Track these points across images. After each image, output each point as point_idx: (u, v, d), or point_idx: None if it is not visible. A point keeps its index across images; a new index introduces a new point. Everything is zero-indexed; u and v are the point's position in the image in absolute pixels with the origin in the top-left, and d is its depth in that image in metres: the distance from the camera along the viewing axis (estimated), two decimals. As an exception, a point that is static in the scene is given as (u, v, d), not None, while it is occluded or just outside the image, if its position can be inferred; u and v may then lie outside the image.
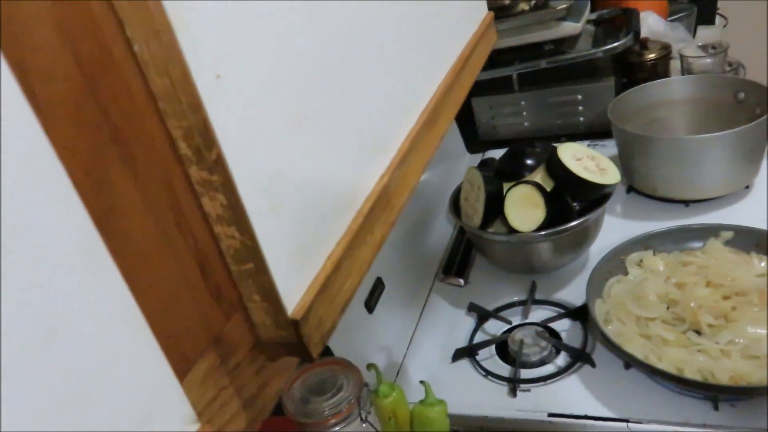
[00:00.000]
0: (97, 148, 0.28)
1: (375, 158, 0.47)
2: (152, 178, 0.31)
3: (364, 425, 0.77)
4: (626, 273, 0.98)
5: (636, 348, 0.83)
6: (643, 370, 0.82)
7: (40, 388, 0.23)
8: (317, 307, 0.37)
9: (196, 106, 0.31)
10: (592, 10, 1.42)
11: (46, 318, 0.23)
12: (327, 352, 0.85)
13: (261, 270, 0.34)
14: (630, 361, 0.83)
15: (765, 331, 0.80)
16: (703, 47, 1.31)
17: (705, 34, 1.52)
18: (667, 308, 0.89)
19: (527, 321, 1.00)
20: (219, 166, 0.32)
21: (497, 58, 1.34)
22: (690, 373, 0.78)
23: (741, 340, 0.80)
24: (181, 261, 0.32)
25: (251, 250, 0.33)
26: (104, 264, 0.25)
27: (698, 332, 0.84)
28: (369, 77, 0.47)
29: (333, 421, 0.75)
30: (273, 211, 0.35)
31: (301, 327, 0.35)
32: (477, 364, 0.94)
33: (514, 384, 0.88)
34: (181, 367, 0.31)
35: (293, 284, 0.36)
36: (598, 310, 0.91)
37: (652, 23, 1.43)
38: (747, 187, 1.11)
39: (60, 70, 0.27)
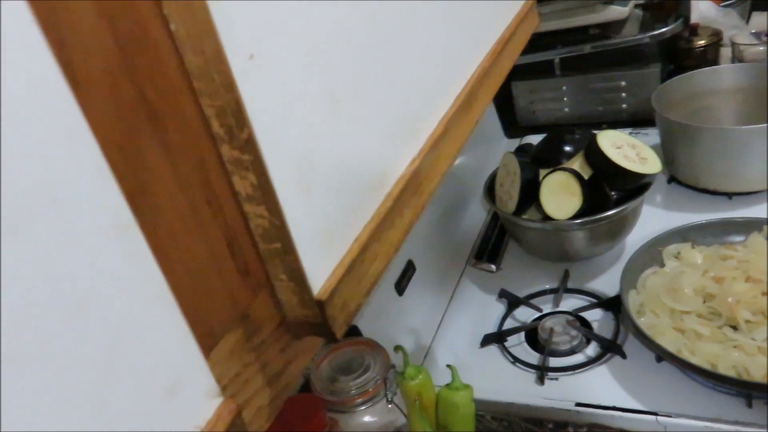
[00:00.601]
0: (132, 126, 0.29)
1: (407, 141, 0.47)
2: (185, 156, 0.32)
3: (389, 406, 0.77)
4: (663, 265, 0.96)
5: (669, 341, 0.81)
6: (676, 364, 0.81)
7: (70, 355, 0.24)
8: (343, 288, 0.37)
9: (229, 85, 0.31)
10: (641, -6, 1.38)
11: (77, 288, 0.24)
12: (356, 332, 0.85)
13: (288, 250, 0.34)
14: (662, 355, 0.81)
15: None
16: (757, 35, 1.27)
17: (759, 20, 1.46)
18: (704, 302, 0.87)
19: (558, 309, 0.99)
20: (250, 145, 0.32)
21: (539, 41, 1.32)
22: (724, 369, 0.77)
23: None
24: (211, 238, 0.32)
25: (279, 230, 0.34)
26: (135, 240, 0.26)
27: (734, 328, 0.83)
28: (405, 59, 0.47)
29: (359, 400, 0.76)
30: (302, 192, 0.35)
31: (325, 308, 0.35)
32: (505, 351, 0.94)
33: (542, 372, 0.88)
34: (208, 342, 0.32)
35: (320, 265, 0.36)
36: (632, 301, 0.90)
37: (703, 8, 1.38)
38: (794, 181, 1.08)
39: (98, 47, 0.28)
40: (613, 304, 0.95)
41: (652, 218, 1.09)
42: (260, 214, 0.34)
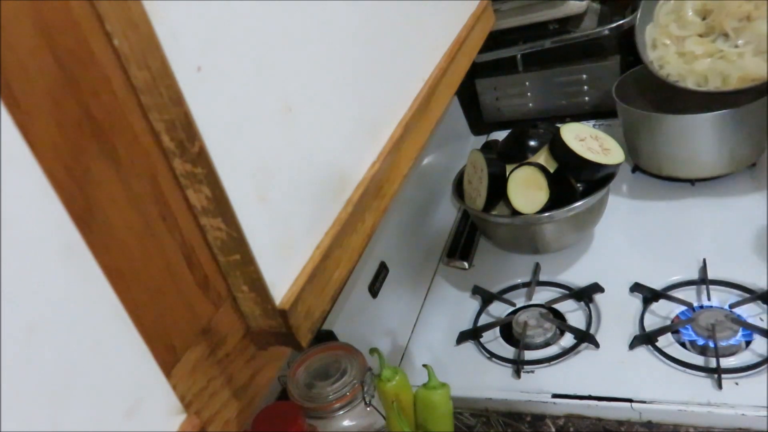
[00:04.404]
0: (78, 144, 0.29)
1: (366, 146, 0.47)
2: (136, 172, 0.31)
3: (368, 409, 0.77)
4: None
5: (672, 68, 1.02)
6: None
7: (22, 380, 0.23)
8: (306, 296, 0.37)
9: (177, 99, 0.31)
10: (598, -13, 1.40)
11: (26, 313, 0.24)
12: (331, 337, 0.85)
13: (247, 261, 0.34)
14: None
15: None
16: (711, 22, 1.29)
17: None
18: (703, 19, 1.02)
19: (531, 303, 1.00)
20: (202, 158, 0.32)
21: (501, 38, 1.32)
22: (712, 80, 0.97)
23: (754, 40, 0.95)
24: (167, 254, 0.32)
25: (237, 242, 0.34)
26: (85, 261, 0.26)
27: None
28: (360, 63, 0.47)
29: (337, 405, 0.76)
30: (259, 202, 0.35)
31: (289, 317, 0.35)
32: (481, 347, 0.94)
33: (518, 366, 0.88)
34: (170, 359, 0.32)
35: (281, 274, 0.36)
36: (648, 34, 1.06)
37: (658, -1, 1.41)
38: (753, 164, 1.10)
39: (37, 66, 0.27)
40: (585, 294, 0.97)
41: (619, 207, 1.11)
42: (217, 226, 0.34)
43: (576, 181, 0.97)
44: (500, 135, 1.36)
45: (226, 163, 0.33)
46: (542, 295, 1.01)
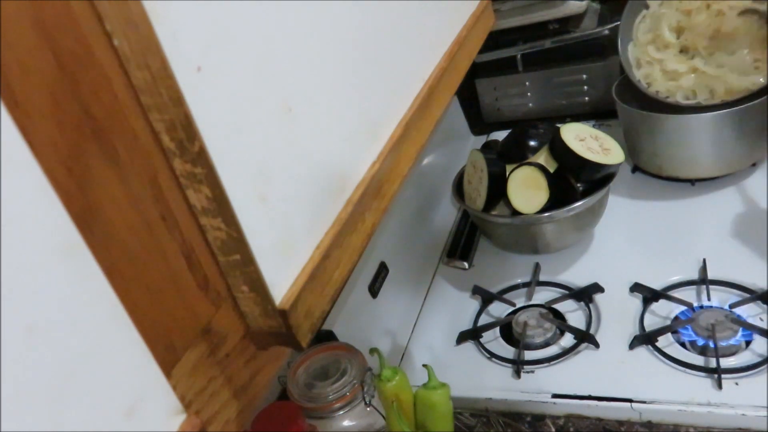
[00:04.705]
0: (78, 144, 0.29)
1: (366, 145, 0.47)
2: (136, 171, 0.31)
3: (368, 409, 0.77)
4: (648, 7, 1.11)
5: (660, 85, 1.05)
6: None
7: (22, 380, 0.23)
8: (306, 296, 0.37)
9: (177, 99, 0.31)
10: (598, -13, 1.40)
11: (26, 313, 0.24)
12: (331, 337, 0.85)
13: (247, 261, 0.34)
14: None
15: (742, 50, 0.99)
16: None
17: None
18: (678, 38, 1.05)
19: (531, 303, 1.00)
20: (202, 158, 0.32)
21: (501, 38, 1.33)
22: (700, 93, 1.01)
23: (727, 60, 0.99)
24: (167, 254, 0.32)
25: (237, 242, 0.34)
26: (84, 260, 0.26)
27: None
28: (360, 63, 0.47)
29: (337, 405, 0.76)
30: (259, 202, 0.35)
31: (289, 317, 0.35)
32: (481, 347, 0.94)
33: (518, 366, 0.88)
34: (170, 359, 0.32)
35: (281, 274, 0.36)
36: (631, 53, 1.08)
37: (658, -1, 1.41)
38: (754, 164, 1.10)
39: (37, 65, 0.27)
40: (585, 294, 0.97)
41: (619, 208, 1.11)
42: (217, 226, 0.34)
43: (576, 181, 0.97)
44: (500, 135, 1.36)
45: (226, 163, 0.33)
46: (542, 295, 1.01)
